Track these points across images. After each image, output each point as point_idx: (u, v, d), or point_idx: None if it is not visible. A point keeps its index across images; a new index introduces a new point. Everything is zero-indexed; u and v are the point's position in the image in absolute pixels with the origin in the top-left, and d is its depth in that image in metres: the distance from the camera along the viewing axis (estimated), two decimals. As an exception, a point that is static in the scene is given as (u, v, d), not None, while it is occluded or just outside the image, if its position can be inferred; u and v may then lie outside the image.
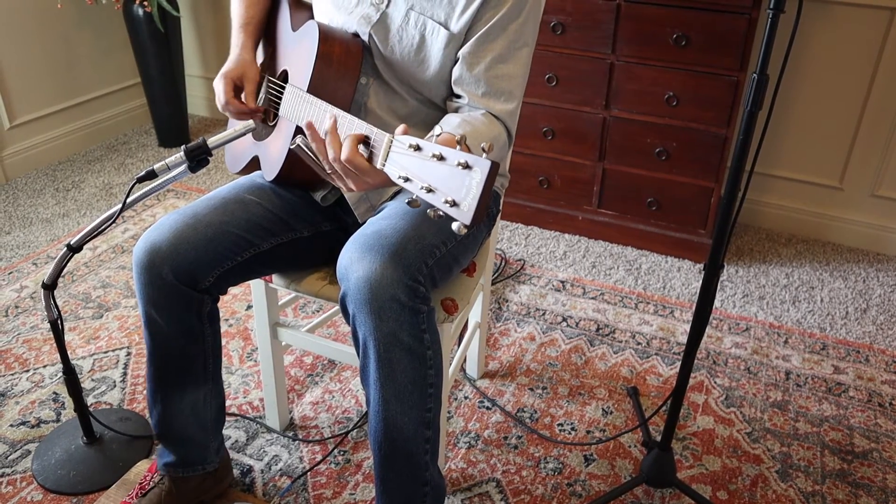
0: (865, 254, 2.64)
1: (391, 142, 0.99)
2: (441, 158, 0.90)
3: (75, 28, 3.18)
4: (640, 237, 2.61)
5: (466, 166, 0.87)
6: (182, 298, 1.33)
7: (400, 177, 0.96)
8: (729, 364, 2.05)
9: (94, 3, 3.05)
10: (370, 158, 1.04)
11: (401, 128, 1.00)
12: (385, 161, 1.00)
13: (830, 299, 2.37)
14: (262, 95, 1.46)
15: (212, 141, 1.29)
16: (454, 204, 0.88)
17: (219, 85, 1.37)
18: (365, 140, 1.05)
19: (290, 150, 1.32)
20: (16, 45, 2.95)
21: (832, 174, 2.65)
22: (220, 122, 3.68)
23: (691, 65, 2.29)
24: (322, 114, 1.19)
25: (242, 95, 1.38)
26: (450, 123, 1.27)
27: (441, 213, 0.90)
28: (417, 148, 0.93)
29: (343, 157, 1.06)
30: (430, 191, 0.91)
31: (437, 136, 0.96)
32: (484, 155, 0.86)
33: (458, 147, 0.89)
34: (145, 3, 2.97)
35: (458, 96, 1.35)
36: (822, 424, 1.85)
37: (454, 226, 0.89)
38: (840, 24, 2.43)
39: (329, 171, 1.12)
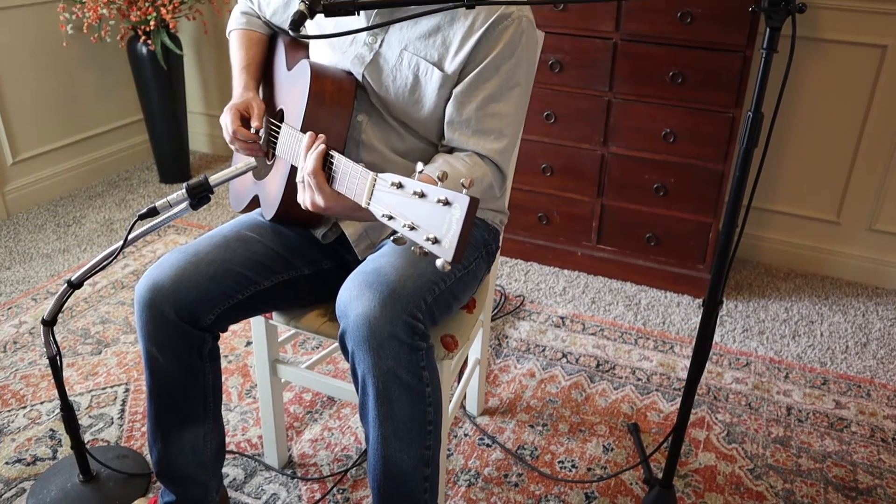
0: (864, 288, 2.65)
1: (375, 180, 0.99)
2: (422, 196, 0.90)
3: (80, 66, 3.23)
4: (639, 272, 2.61)
5: (446, 203, 0.87)
6: (183, 336, 1.33)
7: (384, 215, 0.96)
8: (730, 400, 2.04)
9: (99, 41, 3.09)
10: (330, 182, 1.08)
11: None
12: (370, 200, 1.00)
13: (830, 333, 2.37)
14: (262, 134, 1.48)
15: (213, 178, 1.30)
16: (436, 241, 0.88)
17: (226, 117, 1.39)
18: (324, 155, 1.09)
19: (286, 189, 1.33)
20: (21, 83, 2.99)
21: (829, 209, 2.67)
22: (221, 158, 3.71)
23: (688, 102, 2.32)
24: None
25: (252, 126, 1.40)
26: (438, 163, 1.28)
27: (425, 250, 0.90)
28: (399, 186, 0.94)
29: (308, 169, 1.12)
30: (412, 228, 0.91)
31: (420, 172, 0.96)
32: (464, 191, 0.86)
33: (438, 184, 0.89)
34: (149, 41, 3.02)
35: (451, 136, 1.36)
36: (825, 460, 1.84)
37: (438, 263, 0.88)
38: (833, 61, 2.47)
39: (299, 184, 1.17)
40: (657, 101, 2.36)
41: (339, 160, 1.10)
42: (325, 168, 1.13)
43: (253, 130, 1.40)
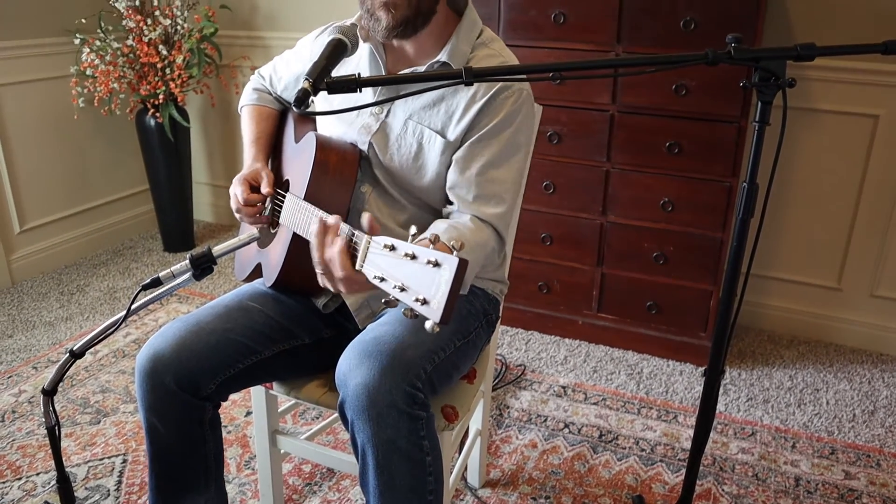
0: (868, 354, 2.63)
1: (369, 242, 1.01)
2: (413, 257, 0.91)
3: (89, 137, 3.30)
4: (640, 341, 2.60)
5: (436, 264, 0.88)
6: (184, 406, 1.33)
7: (375, 276, 0.97)
8: (736, 470, 2.01)
9: (109, 113, 3.17)
10: (353, 262, 1.06)
11: (366, 216, 1.03)
12: (363, 262, 1.01)
13: (836, 401, 2.35)
14: (268, 204, 1.51)
15: (217, 250, 1.32)
16: (425, 302, 0.88)
17: (236, 187, 1.42)
18: (349, 244, 1.07)
19: (287, 256, 1.35)
20: (31, 153, 3.06)
21: (830, 275, 2.68)
22: (225, 227, 3.75)
23: (685, 171, 2.36)
24: (315, 221, 1.23)
25: (262, 191, 1.43)
26: (436, 228, 1.30)
27: (415, 312, 0.90)
28: (392, 248, 0.95)
29: (326, 255, 1.07)
30: (402, 290, 0.91)
31: (413, 235, 0.98)
32: (454, 252, 0.87)
33: (430, 246, 0.91)
34: (157, 114, 3.09)
35: (452, 202, 1.39)
36: (836, 535, 1.80)
37: (427, 325, 0.88)
38: (827, 131, 2.52)
39: (320, 273, 1.13)
40: (655, 171, 2.40)
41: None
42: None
43: (263, 194, 1.43)
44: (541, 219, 2.60)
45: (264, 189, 1.43)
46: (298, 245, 1.31)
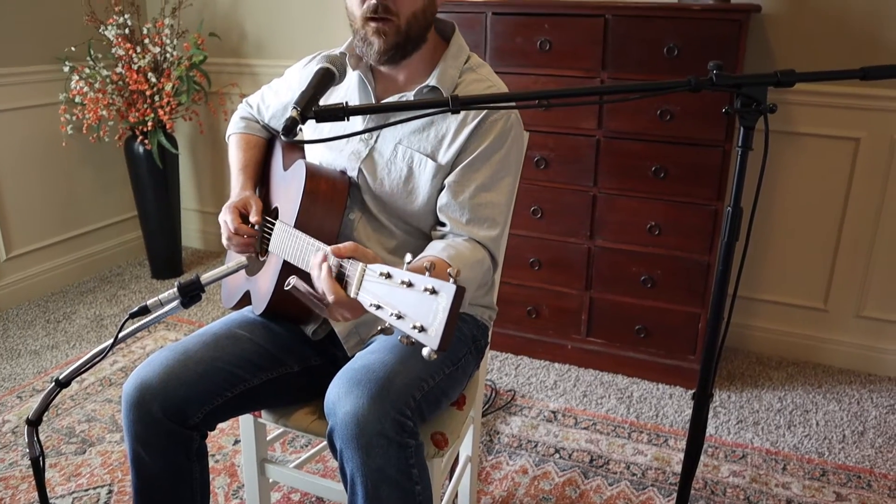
0: (857, 375, 2.64)
1: (364, 271, 1.01)
2: (410, 285, 0.91)
3: (77, 164, 3.30)
4: (630, 365, 2.61)
5: (433, 291, 0.88)
6: (170, 436, 1.31)
7: (372, 304, 0.97)
8: (728, 494, 2.00)
9: (98, 140, 3.17)
10: (345, 288, 1.06)
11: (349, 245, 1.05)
12: (358, 290, 1.02)
13: (826, 423, 2.35)
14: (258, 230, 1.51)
15: (205, 277, 1.31)
16: (422, 329, 0.88)
17: (226, 215, 1.42)
18: (339, 272, 1.07)
19: (277, 284, 1.35)
20: (19, 181, 3.05)
21: (816, 296, 2.70)
22: (213, 254, 3.74)
23: (671, 195, 2.38)
24: (306, 248, 1.23)
25: (251, 221, 1.42)
26: (434, 248, 1.30)
27: (412, 339, 0.91)
28: (388, 276, 0.95)
29: (327, 296, 1.08)
30: (399, 317, 0.92)
31: (408, 263, 0.98)
32: (451, 280, 0.88)
33: (426, 273, 0.91)
34: (146, 141, 3.10)
35: (443, 224, 1.39)
36: (827, 558, 1.79)
37: (424, 351, 0.88)
38: (810, 154, 2.55)
39: (325, 304, 1.14)
40: (641, 195, 2.42)
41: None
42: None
43: (252, 225, 1.43)
44: (529, 243, 2.61)
45: (253, 218, 1.43)
46: (289, 273, 1.31)
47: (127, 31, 3.03)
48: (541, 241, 2.59)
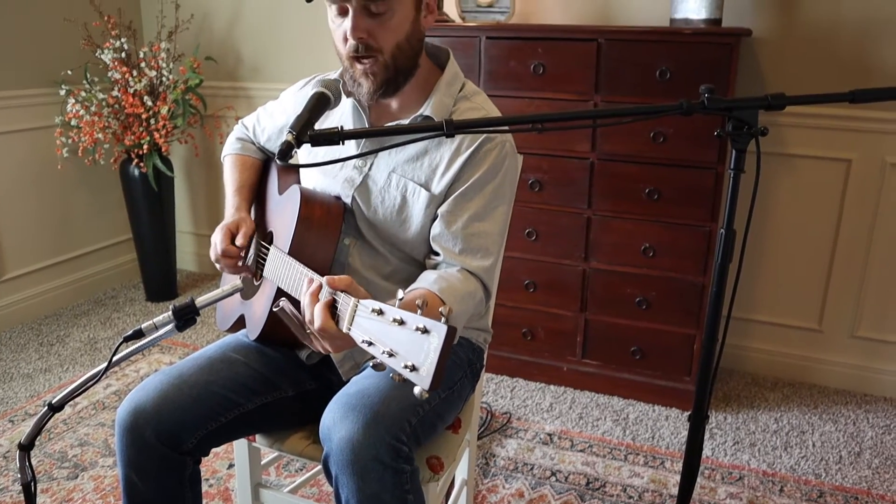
0: (852, 395, 2.64)
1: (356, 306, 1.01)
2: (401, 323, 0.91)
3: (73, 187, 3.30)
4: (625, 386, 2.60)
5: (425, 331, 0.88)
6: (164, 461, 1.30)
7: (363, 340, 0.97)
8: (724, 517, 1.99)
9: (93, 163, 3.18)
10: (336, 322, 1.06)
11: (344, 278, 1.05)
12: (350, 325, 1.01)
13: (822, 444, 2.34)
14: (251, 254, 1.51)
15: (200, 301, 1.31)
16: (413, 368, 0.88)
17: (217, 235, 1.42)
18: (332, 305, 1.07)
19: (271, 309, 1.35)
20: (14, 204, 3.05)
21: (811, 317, 2.71)
22: (208, 276, 3.74)
23: (665, 217, 2.39)
24: (299, 277, 1.23)
25: (237, 243, 1.42)
26: (426, 280, 1.30)
27: (403, 377, 0.90)
28: (380, 312, 0.95)
29: (316, 325, 1.08)
30: (391, 355, 0.91)
31: (400, 299, 0.97)
32: (442, 319, 0.88)
33: (418, 311, 0.91)
34: (141, 164, 3.10)
35: (436, 253, 1.39)
36: (826, 582, 1.78)
37: (416, 391, 0.88)
38: (802, 175, 2.57)
39: (308, 333, 1.14)
40: (635, 217, 2.43)
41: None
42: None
43: (238, 246, 1.43)
44: (524, 266, 2.61)
45: (239, 241, 1.42)
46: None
47: (123, 54, 3.05)
48: (536, 264, 2.60)
